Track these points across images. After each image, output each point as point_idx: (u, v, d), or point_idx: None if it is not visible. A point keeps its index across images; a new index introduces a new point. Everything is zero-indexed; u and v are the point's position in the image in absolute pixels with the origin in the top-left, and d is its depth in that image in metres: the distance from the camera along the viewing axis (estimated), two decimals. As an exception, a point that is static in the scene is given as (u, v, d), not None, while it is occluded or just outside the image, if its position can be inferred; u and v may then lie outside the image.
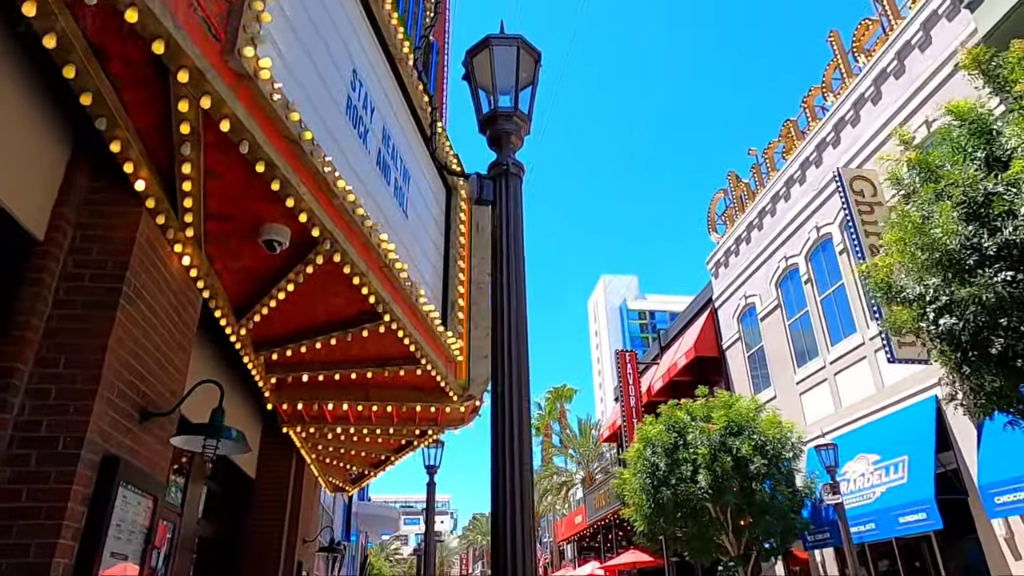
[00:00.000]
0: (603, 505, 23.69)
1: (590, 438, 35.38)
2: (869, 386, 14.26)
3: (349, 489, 11.45)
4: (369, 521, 22.59)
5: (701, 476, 13.52)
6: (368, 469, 10.22)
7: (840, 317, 15.56)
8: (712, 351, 21.25)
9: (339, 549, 9.55)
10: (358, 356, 5.85)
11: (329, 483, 10.95)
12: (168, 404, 3.93)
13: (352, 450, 8.96)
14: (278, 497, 8.78)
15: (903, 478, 12.48)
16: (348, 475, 10.40)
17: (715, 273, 21.95)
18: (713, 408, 15.01)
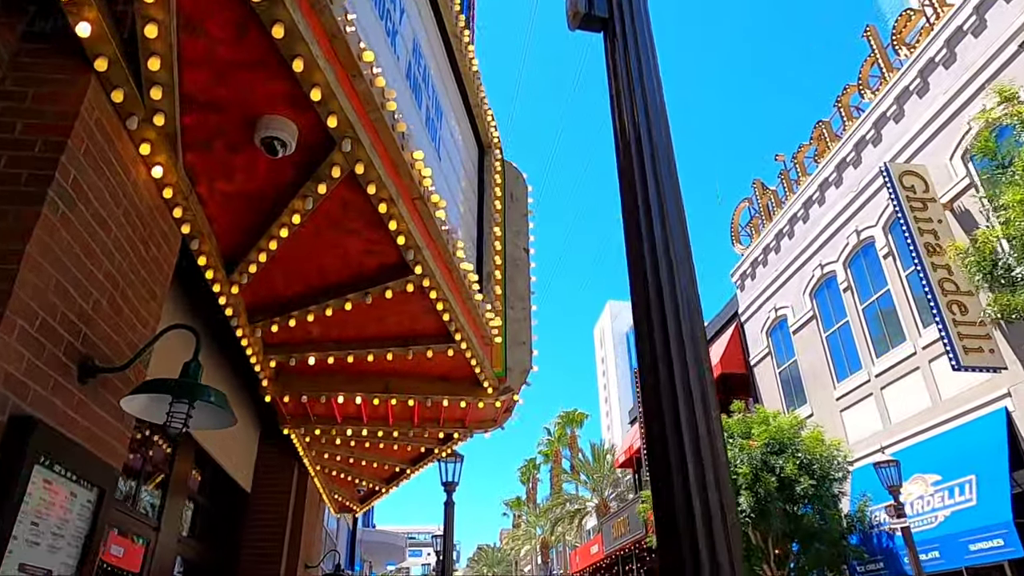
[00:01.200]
0: (623, 533, 22.24)
1: (604, 463, 33.92)
2: (923, 399, 13.05)
3: (357, 509, 10.23)
4: (374, 549, 21.17)
5: (743, 498, 12.25)
6: (379, 484, 9.04)
7: (886, 326, 14.41)
8: (739, 367, 20.04)
9: (345, 575, 8.36)
10: (377, 333, 4.78)
11: (335, 501, 9.74)
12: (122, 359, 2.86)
13: (363, 460, 7.81)
14: (277, 515, 7.61)
15: (971, 500, 11.22)
16: (356, 491, 9.22)
17: (740, 286, 20.85)
18: (751, 424, 13.80)
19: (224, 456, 6.60)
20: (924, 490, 12.52)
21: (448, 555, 9.26)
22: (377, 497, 9.69)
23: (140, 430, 4.73)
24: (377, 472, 8.58)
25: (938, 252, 11.92)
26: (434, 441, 7.31)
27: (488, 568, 72.33)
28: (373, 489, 9.34)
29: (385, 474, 8.74)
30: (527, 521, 51.60)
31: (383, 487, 9.12)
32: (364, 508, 10.15)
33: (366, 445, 7.13)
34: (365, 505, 10.10)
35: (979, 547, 10.75)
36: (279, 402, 5.82)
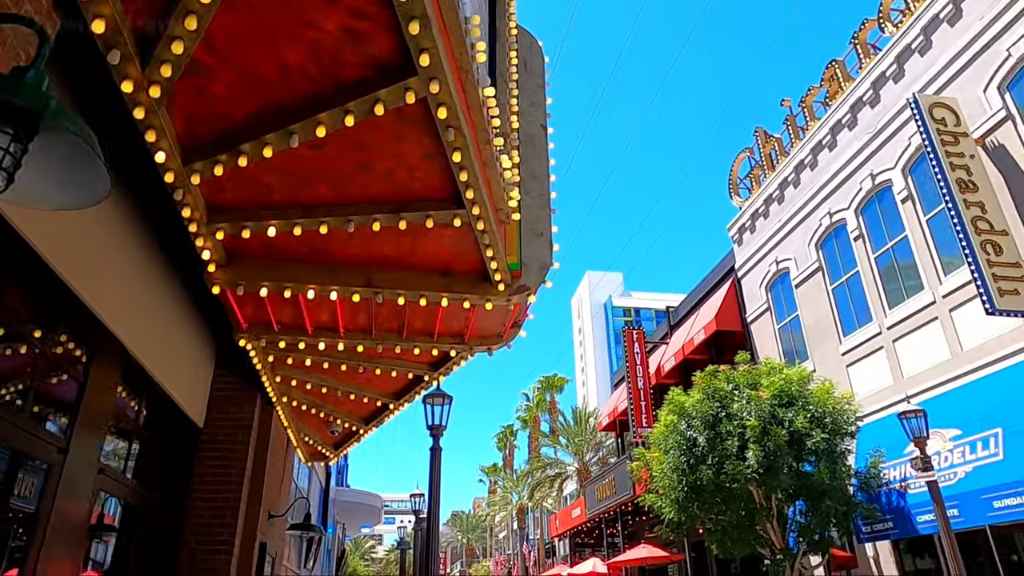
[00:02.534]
0: (608, 496, 21.50)
1: (586, 427, 33.20)
2: (942, 351, 12.21)
3: (331, 455, 9.05)
4: (349, 510, 20.06)
5: (751, 452, 11.35)
6: (357, 424, 7.85)
7: (901, 275, 13.52)
8: (734, 325, 19.15)
9: (315, 528, 7.22)
10: (360, 192, 3.54)
11: (305, 446, 8.57)
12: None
13: (339, 390, 6.62)
14: (235, 454, 6.42)
15: (997, 455, 10.44)
16: (330, 432, 8.03)
17: (738, 240, 19.88)
18: (758, 376, 12.86)
19: (168, 378, 5.37)
20: (941, 446, 11.73)
21: (435, 504, 8.18)
22: (354, 441, 8.48)
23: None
24: (355, 407, 7.37)
25: (971, 189, 10.95)
26: (425, 365, 6.13)
27: (462, 534, 72.20)
28: (350, 430, 8.12)
29: (365, 410, 7.54)
30: (503, 487, 51.10)
31: (361, 427, 7.90)
32: (339, 454, 8.97)
33: (342, 369, 5.93)
34: (340, 451, 8.90)
35: (1005, 504, 9.98)
36: (232, 299, 4.58)
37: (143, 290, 4.71)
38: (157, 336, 5.08)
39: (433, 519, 8.20)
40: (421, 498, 16.73)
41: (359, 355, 5.64)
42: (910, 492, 12.01)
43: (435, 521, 8.20)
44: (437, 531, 8.20)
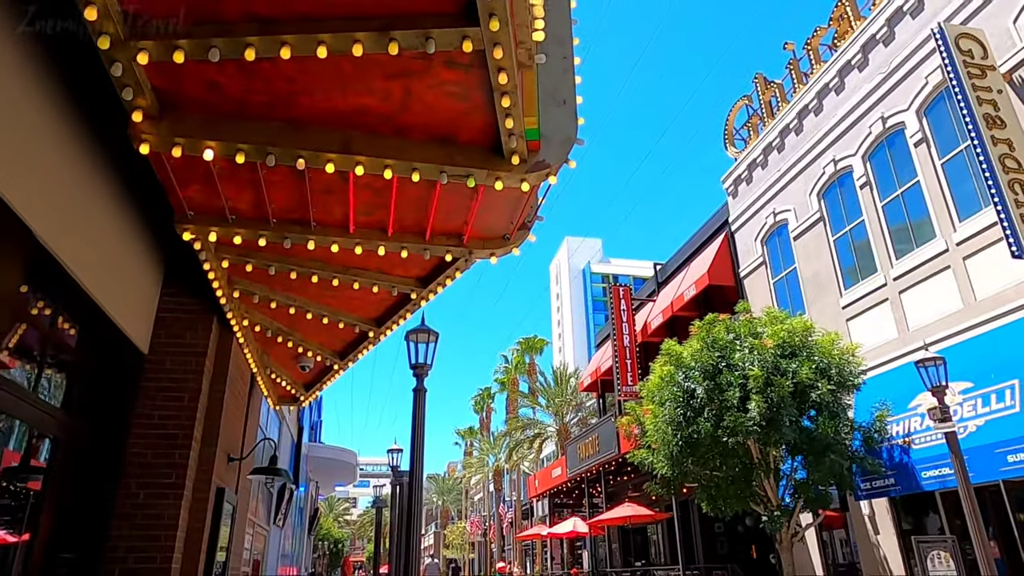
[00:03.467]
0: (591, 454, 20.96)
1: (566, 387, 32.69)
2: (954, 301, 11.59)
3: (303, 398, 8.10)
4: (322, 468, 19.18)
5: (753, 403, 10.68)
6: (331, 358, 6.89)
7: (911, 223, 12.83)
8: (727, 280, 18.47)
9: (282, 473, 6.31)
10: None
11: (273, 386, 7.59)
12: None
13: (309, 312, 5.63)
14: (187, 385, 5.45)
15: (1014, 407, 9.90)
16: (300, 368, 7.06)
17: (733, 192, 19.08)
18: (759, 326, 12.16)
19: (97, 285, 4.37)
20: (950, 399, 11.14)
21: (418, 449, 7.33)
22: (328, 379, 7.51)
23: None
24: (329, 336, 6.40)
25: (998, 125, 10.19)
26: (412, 279, 5.16)
27: (438, 496, 72.27)
28: (323, 366, 7.16)
29: (340, 340, 6.57)
30: (480, 449, 50.80)
31: (336, 362, 6.95)
32: (312, 396, 8.00)
33: (313, 281, 4.94)
34: (313, 391, 7.93)
35: (1021, 458, 9.46)
36: (169, 169, 3.55)
37: (60, 164, 3.69)
38: (82, 229, 4.07)
39: (417, 465, 7.37)
40: (399, 453, 15.94)
41: (333, 260, 4.66)
42: (914, 447, 11.50)
43: (419, 468, 7.36)
44: (420, 480, 7.36)
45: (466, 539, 59.27)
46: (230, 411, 6.00)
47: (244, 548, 9.36)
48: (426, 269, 5.01)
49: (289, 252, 4.58)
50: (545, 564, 35.28)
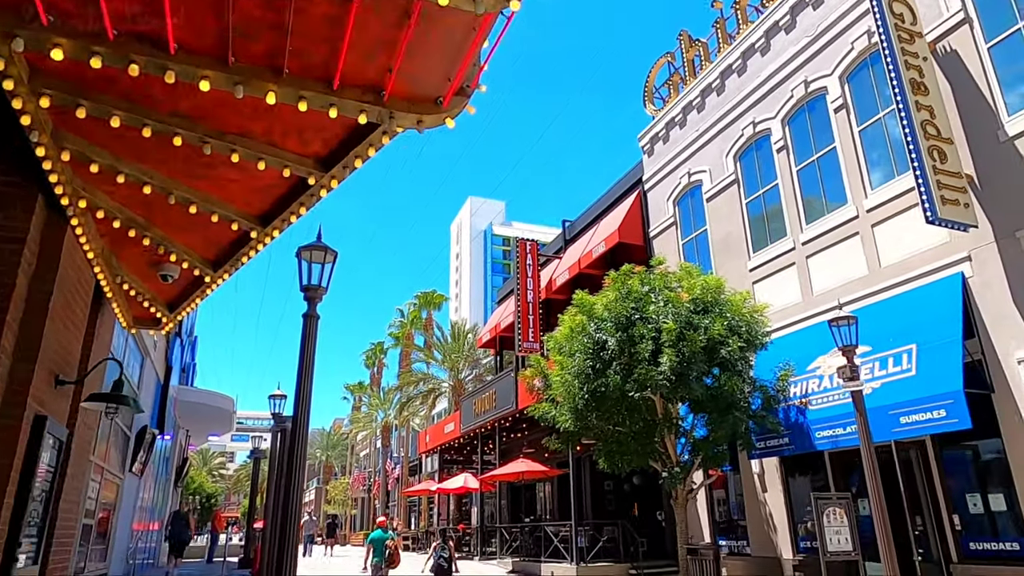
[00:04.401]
0: (487, 409, 20.43)
1: (463, 343, 32.00)
2: (859, 267, 11.75)
3: (166, 320, 6.67)
4: (194, 414, 17.30)
5: (665, 357, 10.34)
6: (203, 266, 5.58)
7: (824, 189, 12.90)
8: (637, 239, 18.26)
9: (126, 401, 5.06)
10: None
11: (126, 300, 6.15)
12: None
13: (172, 195, 4.31)
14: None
15: (910, 370, 10.12)
16: (162, 277, 5.69)
17: (649, 151, 18.77)
18: (674, 280, 11.85)
19: None
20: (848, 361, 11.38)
21: (305, 384, 6.30)
22: (199, 296, 6.12)
23: None
24: (199, 236, 5.07)
25: (922, 91, 10.19)
26: (311, 156, 4.01)
27: (322, 451, 70.30)
28: (191, 276, 5.78)
29: (214, 241, 5.24)
30: (369, 405, 49.49)
31: (208, 272, 5.63)
32: (178, 317, 6.60)
33: (175, 144, 3.70)
34: (179, 313, 6.53)
35: (914, 419, 9.69)
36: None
37: None
38: None
39: (303, 403, 6.32)
40: (283, 400, 14.59)
41: (205, 115, 3.47)
42: (810, 408, 11.68)
43: (305, 406, 6.31)
44: (306, 420, 6.31)
45: (349, 495, 58.10)
46: (60, 321, 4.68)
47: (87, 497, 7.95)
48: (330, 141, 3.90)
49: (140, 90, 3.33)
50: (430, 521, 34.96)
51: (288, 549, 5.55)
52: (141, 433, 11.21)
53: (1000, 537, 9.33)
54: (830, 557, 8.70)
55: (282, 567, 5.67)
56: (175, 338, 13.95)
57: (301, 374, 6.33)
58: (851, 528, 8.94)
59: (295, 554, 5.82)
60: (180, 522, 15.82)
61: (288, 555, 5.60)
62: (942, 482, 10.10)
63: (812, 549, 12.16)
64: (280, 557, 5.63)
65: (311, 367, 6.41)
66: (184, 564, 17.54)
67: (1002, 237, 9.55)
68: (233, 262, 5.48)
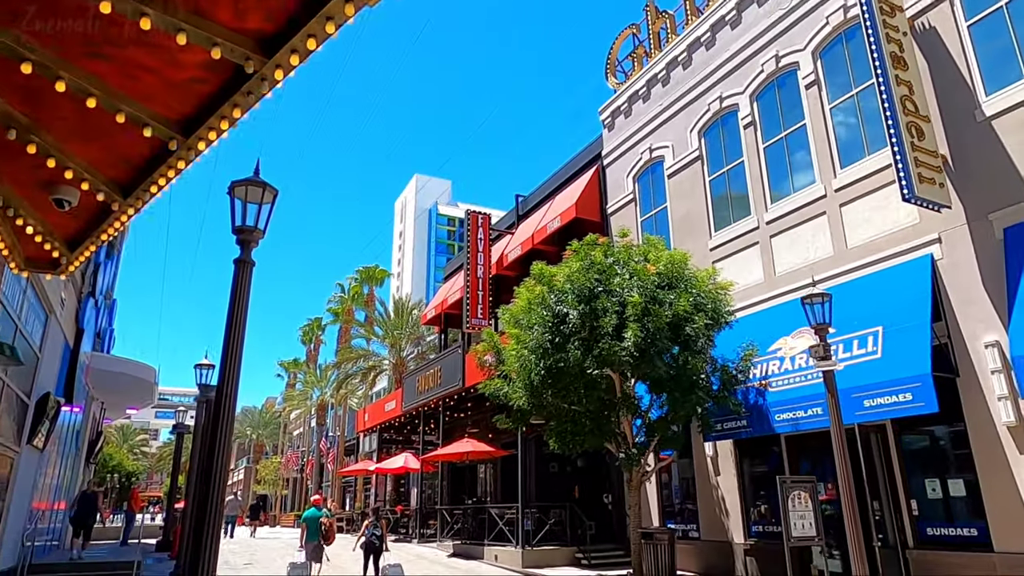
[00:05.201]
0: (432, 387, 19.60)
1: (407, 320, 30.91)
2: (825, 247, 11.48)
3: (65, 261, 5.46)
4: (111, 384, 15.68)
5: (630, 332, 9.77)
6: (108, 190, 4.52)
7: (791, 167, 12.58)
8: (594, 215, 17.68)
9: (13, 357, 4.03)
10: None
11: (13, 233, 5.01)
12: None
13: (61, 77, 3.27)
14: None
15: (876, 353, 9.87)
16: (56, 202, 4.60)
17: (610, 125, 18.18)
18: (637, 254, 11.29)
19: None
20: (808, 344, 11.10)
21: (235, 346, 5.38)
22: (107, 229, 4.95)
23: None
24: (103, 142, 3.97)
25: (902, 66, 9.86)
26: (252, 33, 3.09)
27: (252, 430, 67.84)
28: (96, 202, 4.64)
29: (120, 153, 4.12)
30: (305, 382, 47.75)
31: (115, 199, 4.52)
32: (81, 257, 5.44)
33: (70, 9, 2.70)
34: (82, 252, 5.33)
35: (878, 402, 9.45)
36: None
37: None
38: None
39: (232, 366, 5.40)
40: (210, 370, 13.36)
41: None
42: (770, 390, 11.38)
43: (234, 368, 5.39)
44: (235, 385, 5.39)
45: (281, 475, 56.23)
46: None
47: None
48: (276, 14, 2.98)
49: None
50: (366, 502, 33.94)
51: (210, 530, 4.66)
52: (43, 401, 9.90)
53: (957, 523, 9.21)
54: (794, 542, 8.36)
55: (201, 550, 4.78)
56: (88, 298, 12.50)
57: (231, 329, 5.39)
58: (815, 513, 8.63)
59: (216, 536, 4.93)
60: (87, 502, 14.75)
61: (209, 538, 4.71)
62: (901, 467, 9.94)
63: (764, 534, 11.97)
64: (199, 540, 4.73)
65: (242, 321, 5.48)
66: (95, 547, 16.14)
67: (974, 219, 9.35)
68: (147, 185, 4.44)
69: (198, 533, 4.67)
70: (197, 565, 4.73)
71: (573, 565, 14.04)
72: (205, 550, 4.81)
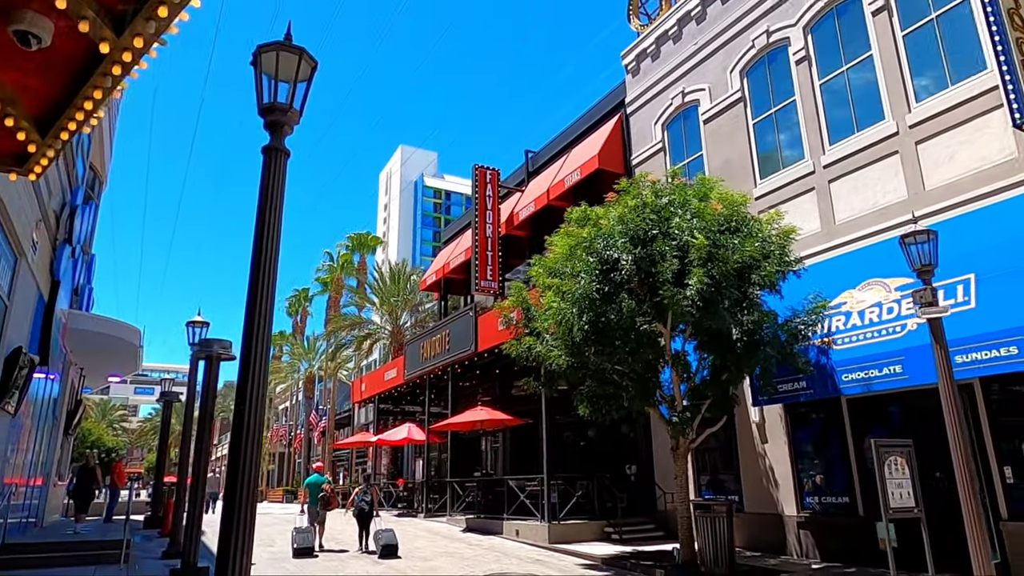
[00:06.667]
0: (438, 353, 18.34)
1: (404, 286, 29.49)
2: (896, 189, 10.34)
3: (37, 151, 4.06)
4: (90, 346, 14.13)
5: (694, 278, 8.55)
6: (98, 19, 3.21)
7: (854, 104, 11.36)
8: (617, 167, 16.36)
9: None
10: None
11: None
12: None
13: None
14: None
15: (968, 303, 8.79)
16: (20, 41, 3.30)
17: (634, 70, 16.82)
18: (692, 194, 10.01)
19: None
20: (882, 296, 10.02)
21: (266, 264, 4.08)
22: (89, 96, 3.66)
23: None
24: None
25: (1006, -24, 8.61)
26: None
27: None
28: (74, 45, 3.31)
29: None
30: (292, 355, 46.24)
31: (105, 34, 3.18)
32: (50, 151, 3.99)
33: None
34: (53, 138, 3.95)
35: (972, 358, 8.39)
36: None
37: None
38: None
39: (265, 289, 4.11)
40: (204, 329, 11.95)
41: None
42: (834, 348, 10.30)
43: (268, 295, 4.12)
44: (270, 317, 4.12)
45: (267, 450, 54.89)
46: None
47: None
48: None
49: None
50: (359, 476, 32.80)
51: (246, 509, 3.41)
52: (13, 357, 8.49)
53: (1060, 491, 8.23)
54: (893, 515, 7.29)
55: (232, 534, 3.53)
56: (63, 245, 11.01)
57: (262, 235, 4.09)
58: (913, 481, 7.56)
59: (253, 521, 3.68)
60: (86, 476, 14.68)
61: (244, 520, 3.45)
62: (992, 430, 8.90)
63: (819, 506, 10.98)
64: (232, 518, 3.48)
65: (276, 225, 4.19)
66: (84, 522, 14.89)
67: (1088, 150, 8.22)
68: (150, 8, 3.09)
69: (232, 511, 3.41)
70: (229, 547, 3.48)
71: (604, 540, 12.99)
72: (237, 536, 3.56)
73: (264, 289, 3.97)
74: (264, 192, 4.11)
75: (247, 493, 3.66)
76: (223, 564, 3.64)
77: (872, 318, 9.91)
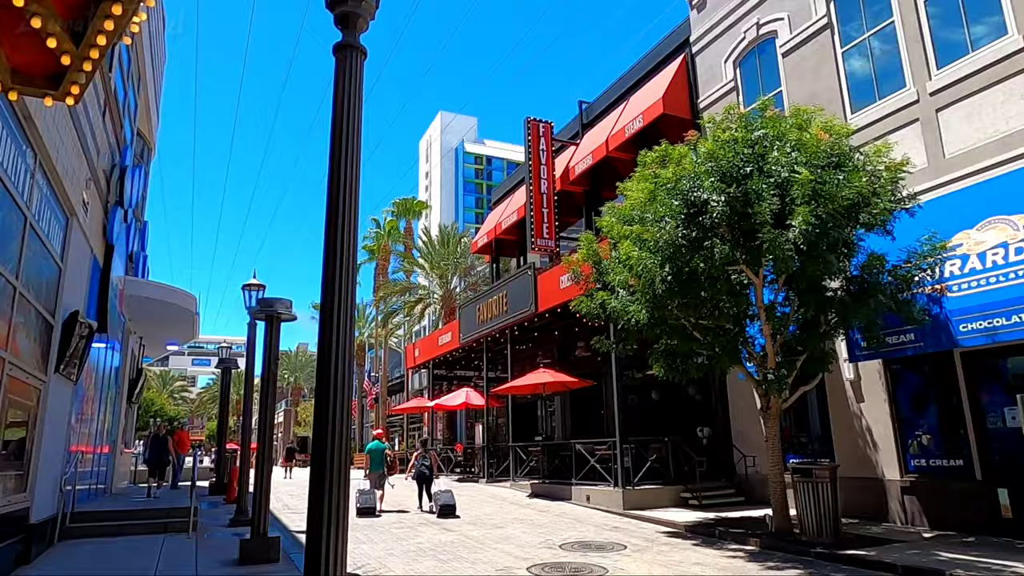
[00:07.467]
0: (496, 315, 17.71)
1: (455, 249, 28.92)
2: (1017, 117, 9.03)
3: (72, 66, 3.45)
4: (148, 314, 14.00)
5: (798, 218, 7.59)
6: None
7: (967, 20, 10.00)
8: (683, 111, 15.22)
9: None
10: None
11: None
12: None
13: None
14: None
15: (1122, 238, 7.60)
16: None
17: (700, 4, 15.52)
18: (787, 127, 8.94)
19: None
20: (1008, 236, 8.85)
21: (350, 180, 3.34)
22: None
23: None
24: None
25: None
26: None
27: (289, 372, 67.60)
28: None
29: None
30: (341, 323, 46.34)
31: None
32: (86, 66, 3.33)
33: None
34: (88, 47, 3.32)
35: None
36: None
37: None
38: None
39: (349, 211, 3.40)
40: (260, 291, 11.53)
41: None
42: (949, 296, 9.22)
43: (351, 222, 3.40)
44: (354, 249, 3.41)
45: (320, 417, 55.81)
46: None
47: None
48: None
49: None
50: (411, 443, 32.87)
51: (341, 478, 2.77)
52: (71, 322, 8.15)
53: None
54: (1044, 479, 6.36)
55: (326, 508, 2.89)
56: (115, 208, 10.63)
57: (340, 160, 3.36)
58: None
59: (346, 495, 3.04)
60: (159, 445, 15.50)
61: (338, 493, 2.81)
62: None
63: (925, 468, 10.02)
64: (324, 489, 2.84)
65: (356, 145, 3.44)
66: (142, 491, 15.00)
67: None
68: None
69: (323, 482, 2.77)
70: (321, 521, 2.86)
71: (681, 506, 12.29)
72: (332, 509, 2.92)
73: (346, 217, 3.28)
74: (338, 101, 3.39)
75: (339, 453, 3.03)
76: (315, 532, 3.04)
77: (996, 260, 8.78)
